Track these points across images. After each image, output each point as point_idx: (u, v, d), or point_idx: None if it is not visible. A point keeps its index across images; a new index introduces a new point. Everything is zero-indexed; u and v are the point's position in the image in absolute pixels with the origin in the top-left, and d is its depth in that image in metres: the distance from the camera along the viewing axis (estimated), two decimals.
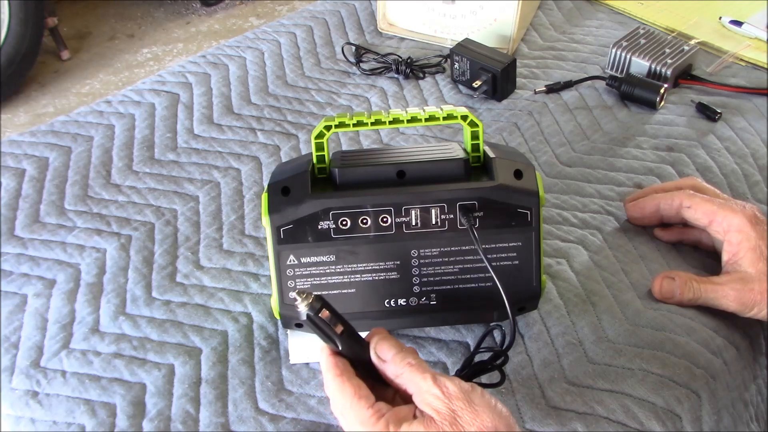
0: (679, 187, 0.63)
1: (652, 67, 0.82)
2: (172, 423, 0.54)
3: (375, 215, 0.51)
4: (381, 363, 0.46)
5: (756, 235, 0.57)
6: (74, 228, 0.69)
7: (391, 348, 0.46)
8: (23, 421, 0.55)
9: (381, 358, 0.46)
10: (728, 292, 0.57)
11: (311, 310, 0.45)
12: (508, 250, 0.52)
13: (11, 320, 0.62)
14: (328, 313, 0.46)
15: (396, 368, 0.45)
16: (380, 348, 0.46)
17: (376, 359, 0.46)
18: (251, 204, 0.71)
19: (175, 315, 0.61)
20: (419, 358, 0.46)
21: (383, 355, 0.46)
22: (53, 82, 2.29)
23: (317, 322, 0.46)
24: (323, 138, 0.53)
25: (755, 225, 0.57)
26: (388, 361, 0.46)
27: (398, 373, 0.45)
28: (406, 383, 0.45)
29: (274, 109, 0.83)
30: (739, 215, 0.58)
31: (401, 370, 0.45)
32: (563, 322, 0.58)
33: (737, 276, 0.57)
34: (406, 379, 0.45)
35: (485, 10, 0.89)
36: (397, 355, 0.46)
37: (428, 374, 0.44)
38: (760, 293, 0.55)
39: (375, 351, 0.46)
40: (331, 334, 0.46)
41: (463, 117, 0.53)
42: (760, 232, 0.57)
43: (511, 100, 0.83)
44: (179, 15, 2.62)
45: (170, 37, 2.50)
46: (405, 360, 0.45)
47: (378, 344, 0.47)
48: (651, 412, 0.52)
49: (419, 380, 0.44)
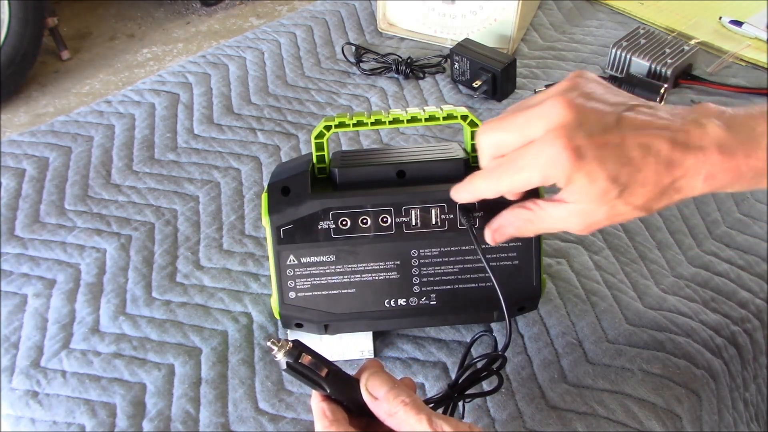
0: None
1: (652, 67, 0.82)
2: (172, 423, 0.54)
3: (375, 215, 0.51)
4: (372, 401, 0.43)
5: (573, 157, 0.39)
6: (74, 228, 0.70)
7: (383, 384, 0.43)
8: (23, 421, 0.55)
9: (373, 395, 0.43)
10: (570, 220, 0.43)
11: (290, 357, 0.43)
12: (508, 250, 0.52)
13: (11, 320, 0.62)
14: (310, 357, 0.43)
15: (389, 407, 0.42)
16: (371, 385, 0.43)
17: (367, 397, 0.43)
18: (251, 204, 0.71)
19: (175, 315, 0.61)
20: (413, 395, 0.42)
21: (375, 393, 0.43)
22: (53, 82, 2.29)
23: (299, 369, 0.43)
24: (323, 138, 0.53)
25: (573, 132, 0.39)
26: (381, 398, 0.42)
27: (392, 412, 0.42)
28: (400, 424, 0.42)
29: (274, 109, 0.83)
30: (548, 144, 0.39)
31: (395, 408, 0.41)
32: (563, 322, 0.58)
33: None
34: (400, 419, 0.41)
35: (485, 10, 0.89)
36: (389, 392, 0.42)
37: (423, 415, 0.41)
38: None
39: (366, 389, 0.43)
40: (316, 378, 0.43)
41: (463, 117, 0.53)
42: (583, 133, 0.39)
43: (511, 100, 0.83)
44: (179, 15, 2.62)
45: (170, 37, 2.50)
46: (398, 398, 0.42)
47: (369, 381, 0.43)
48: (651, 412, 0.52)
49: (414, 422, 0.41)
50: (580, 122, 0.39)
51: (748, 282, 0.62)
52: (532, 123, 0.41)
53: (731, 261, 0.64)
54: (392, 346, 0.58)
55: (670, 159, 0.39)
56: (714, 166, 0.39)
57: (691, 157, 0.39)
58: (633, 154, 0.39)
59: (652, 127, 0.39)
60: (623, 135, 0.39)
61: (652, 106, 0.41)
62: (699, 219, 0.68)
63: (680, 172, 0.39)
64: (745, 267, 0.63)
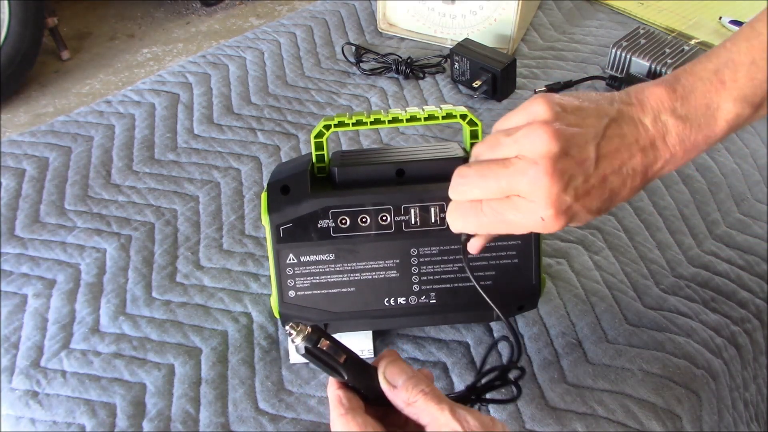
0: None
1: (652, 67, 0.82)
2: (172, 423, 0.54)
3: (374, 214, 0.51)
4: (391, 389, 0.42)
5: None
6: (74, 228, 0.69)
7: (401, 373, 0.42)
8: (23, 421, 0.55)
9: (391, 384, 0.42)
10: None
11: (309, 342, 0.42)
12: (508, 249, 0.52)
13: (11, 320, 0.62)
14: (328, 342, 0.43)
15: (408, 395, 0.41)
16: (390, 373, 0.43)
17: (385, 386, 0.42)
18: (251, 204, 0.71)
19: (175, 315, 0.61)
20: (433, 385, 0.42)
21: (393, 381, 0.42)
22: (53, 82, 2.29)
23: (318, 354, 0.42)
24: (323, 137, 0.53)
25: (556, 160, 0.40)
26: (399, 387, 0.42)
27: (411, 401, 0.41)
28: (419, 413, 0.41)
29: (274, 109, 0.83)
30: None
31: (414, 398, 0.41)
32: (563, 322, 0.58)
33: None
34: (419, 408, 0.41)
35: (485, 10, 0.89)
36: (408, 381, 0.42)
37: (445, 405, 0.40)
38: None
39: (384, 377, 0.43)
40: (334, 364, 0.42)
41: (462, 116, 0.53)
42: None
43: (511, 100, 0.83)
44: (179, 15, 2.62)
45: (170, 37, 2.50)
46: (418, 387, 0.41)
47: (387, 369, 0.43)
48: (651, 412, 0.52)
49: (435, 411, 0.40)
50: (564, 183, 0.40)
51: (748, 282, 0.62)
52: (514, 186, 0.40)
53: (731, 261, 0.64)
54: (392, 346, 0.58)
55: (643, 169, 0.41)
56: (677, 157, 0.42)
57: (660, 161, 0.42)
58: (614, 185, 0.41)
59: (624, 147, 0.41)
60: (603, 173, 0.41)
61: (616, 118, 0.42)
62: (699, 219, 0.68)
63: (650, 174, 0.42)
64: (745, 267, 0.63)
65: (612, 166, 0.41)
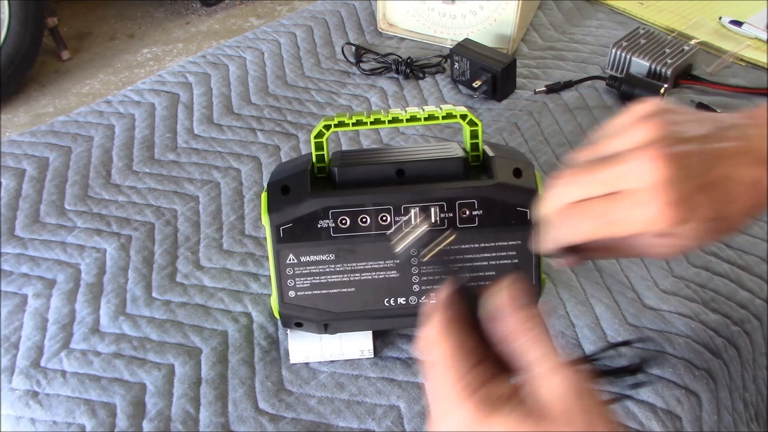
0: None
1: (652, 67, 0.82)
2: (172, 423, 0.54)
3: (374, 214, 0.51)
4: (507, 311, 0.35)
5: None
6: (74, 228, 0.70)
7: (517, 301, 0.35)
8: (23, 421, 0.55)
9: (500, 306, 0.35)
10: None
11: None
12: (508, 249, 0.52)
13: (11, 320, 0.62)
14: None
15: (513, 327, 0.34)
16: (504, 296, 0.35)
17: (491, 307, 0.35)
18: (251, 204, 0.71)
19: (175, 315, 0.61)
20: (546, 330, 0.34)
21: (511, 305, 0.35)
22: (53, 82, 2.29)
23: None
24: (323, 137, 0.53)
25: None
26: (508, 316, 0.35)
27: (514, 335, 0.34)
28: (522, 351, 0.34)
29: (274, 109, 0.83)
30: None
31: (520, 335, 0.34)
32: (563, 322, 0.58)
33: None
34: (524, 345, 0.34)
35: (485, 10, 0.89)
36: (520, 311, 0.34)
37: (554, 355, 0.33)
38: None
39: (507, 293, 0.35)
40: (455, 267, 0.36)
41: (462, 116, 0.53)
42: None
43: (511, 100, 0.83)
44: (179, 15, 2.62)
45: (170, 37, 2.50)
46: (528, 323, 0.34)
47: (507, 288, 0.35)
48: (651, 412, 0.52)
49: (541, 357, 0.33)
50: (678, 177, 0.37)
51: (748, 282, 0.62)
52: (622, 180, 0.38)
53: (731, 261, 0.64)
54: (392, 346, 0.58)
55: (757, 181, 0.39)
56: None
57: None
58: (729, 189, 0.38)
59: (741, 153, 0.39)
60: (715, 173, 0.38)
61: (730, 125, 0.40)
62: None
63: (761, 191, 0.39)
64: (745, 267, 0.63)
65: (722, 163, 0.38)
